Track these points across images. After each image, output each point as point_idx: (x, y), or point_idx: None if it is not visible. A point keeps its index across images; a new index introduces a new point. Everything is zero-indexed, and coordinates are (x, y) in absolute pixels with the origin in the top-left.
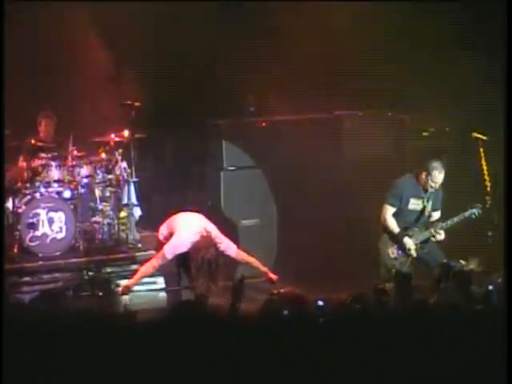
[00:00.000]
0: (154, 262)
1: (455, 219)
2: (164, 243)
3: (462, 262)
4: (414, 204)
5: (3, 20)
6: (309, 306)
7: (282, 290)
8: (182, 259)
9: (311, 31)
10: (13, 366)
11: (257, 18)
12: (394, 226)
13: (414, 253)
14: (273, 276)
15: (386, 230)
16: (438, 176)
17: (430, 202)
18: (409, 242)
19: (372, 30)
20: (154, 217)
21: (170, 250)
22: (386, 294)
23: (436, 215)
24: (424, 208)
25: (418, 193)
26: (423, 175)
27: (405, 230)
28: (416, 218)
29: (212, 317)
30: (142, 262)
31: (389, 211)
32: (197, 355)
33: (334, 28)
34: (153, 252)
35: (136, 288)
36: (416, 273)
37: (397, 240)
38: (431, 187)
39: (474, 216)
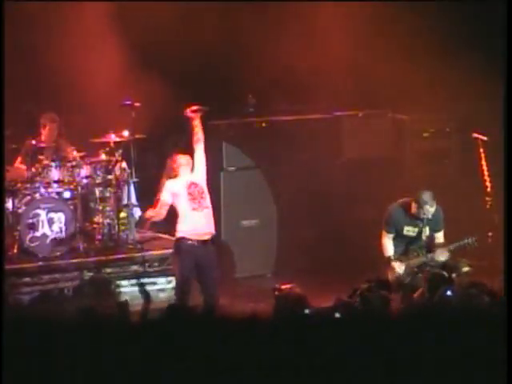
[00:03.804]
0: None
1: (451, 247)
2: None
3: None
4: (410, 231)
5: (3, 20)
6: (309, 305)
7: (283, 287)
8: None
9: (311, 31)
10: (13, 366)
11: (257, 17)
12: (387, 250)
13: (404, 276)
14: None
15: (383, 252)
16: (429, 209)
17: (427, 227)
18: (397, 267)
19: (372, 30)
20: None
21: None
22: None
23: (439, 236)
24: (420, 233)
25: (410, 221)
26: (414, 205)
27: (402, 255)
28: (413, 241)
29: (212, 316)
30: (141, 263)
31: (386, 236)
32: (198, 355)
33: (334, 28)
34: (153, 252)
35: (136, 288)
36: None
37: (389, 262)
38: (424, 215)
39: (467, 246)
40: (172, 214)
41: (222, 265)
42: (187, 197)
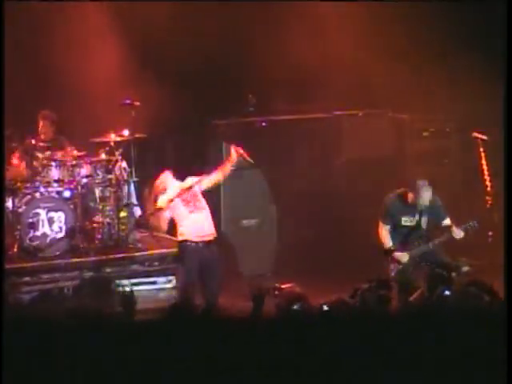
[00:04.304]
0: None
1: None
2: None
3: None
4: (407, 221)
5: (3, 20)
6: (309, 304)
7: (282, 286)
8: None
9: (312, 31)
10: (13, 365)
11: (257, 17)
12: (386, 241)
13: (407, 265)
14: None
15: (381, 244)
16: (426, 196)
17: (426, 217)
18: (400, 256)
19: (372, 29)
20: None
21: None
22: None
23: (446, 223)
24: (419, 222)
25: (407, 211)
26: (410, 195)
27: (401, 245)
28: (412, 232)
29: (212, 315)
30: (141, 262)
31: (383, 228)
32: (198, 355)
33: (334, 28)
34: (153, 252)
35: (136, 288)
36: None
37: (389, 254)
38: (421, 203)
39: (469, 228)
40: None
41: (221, 264)
42: (181, 203)
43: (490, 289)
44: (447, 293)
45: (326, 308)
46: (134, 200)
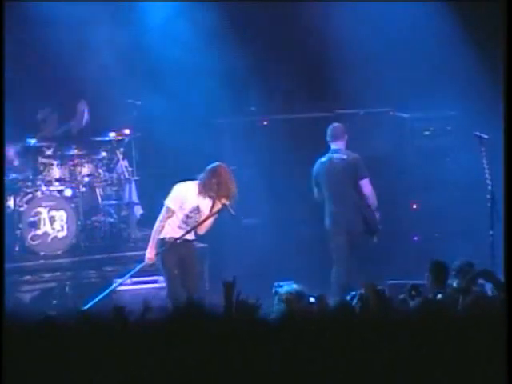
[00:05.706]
0: (159, 217)
1: None
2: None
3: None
4: None
5: (3, 20)
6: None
7: (282, 284)
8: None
9: (312, 30)
10: (13, 365)
11: (257, 16)
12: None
13: None
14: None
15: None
16: None
17: None
18: None
19: (373, 29)
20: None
21: (169, 199)
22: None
23: None
24: None
25: None
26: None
27: None
28: None
29: (213, 315)
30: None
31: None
32: (197, 355)
33: (335, 26)
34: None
35: (137, 286)
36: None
37: None
38: None
39: None
40: None
41: (221, 264)
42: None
43: (498, 279)
44: (439, 296)
45: (312, 300)
46: (135, 199)
